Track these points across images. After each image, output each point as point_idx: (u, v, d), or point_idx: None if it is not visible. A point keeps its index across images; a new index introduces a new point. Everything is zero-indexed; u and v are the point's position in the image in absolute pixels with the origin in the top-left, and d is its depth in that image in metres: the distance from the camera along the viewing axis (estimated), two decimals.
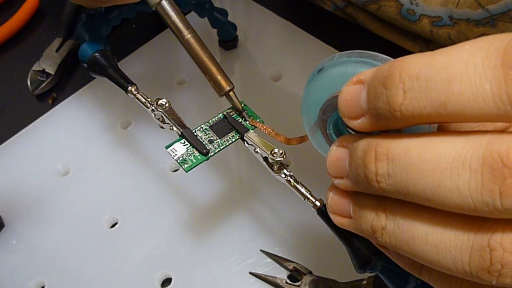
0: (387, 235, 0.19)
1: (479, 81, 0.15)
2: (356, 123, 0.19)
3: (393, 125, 0.18)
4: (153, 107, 0.32)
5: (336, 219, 0.22)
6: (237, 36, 0.51)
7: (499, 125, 0.20)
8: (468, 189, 0.16)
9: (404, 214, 0.18)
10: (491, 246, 0.16)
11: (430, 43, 0.49)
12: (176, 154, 0.30)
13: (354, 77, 0.19)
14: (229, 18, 0.49)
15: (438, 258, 0.17)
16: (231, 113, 0.33)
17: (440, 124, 0.21)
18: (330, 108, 0.22)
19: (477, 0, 0.41)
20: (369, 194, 0.20)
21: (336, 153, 0.21)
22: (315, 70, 0.22)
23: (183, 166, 0.30)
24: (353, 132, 0.21)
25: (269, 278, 0.36)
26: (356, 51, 0.21)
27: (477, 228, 0.16)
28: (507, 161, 0.15)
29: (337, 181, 0.21)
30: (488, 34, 0.43)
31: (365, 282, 0.33)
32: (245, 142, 0.31)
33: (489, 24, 0.41)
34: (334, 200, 0.22)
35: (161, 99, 0.32)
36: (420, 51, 0.50)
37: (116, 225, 0.41)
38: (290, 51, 0.51)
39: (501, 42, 0.15)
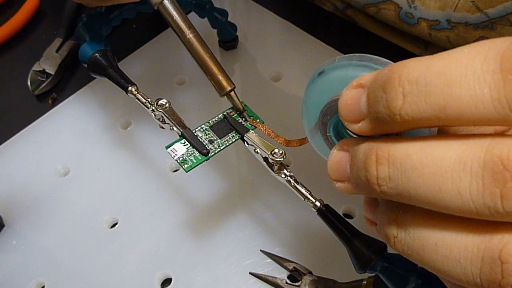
0: (399, 244, 0.19)
1: (478, 86, 0.15)
2: (357, 127, 0.19)
3: (393, 129, 0.18)
4: (153, 107, 0.32)
5: (369, 227, 0.22)
6: (237, 36, 0.51)
7: (499, 128, 0.20)
8: (469, 192, 0.16)
9: (413, 223, 0.18)
10: (502, 259, 0.15)
11: (429, 45, 0.49)
12: (176, 154, 0.30)
13: (354, 81, 0.19)
14: (229, 19, 0.49)
15: (449, 269, 0.17)
16: (231, 113, 0.33)
17: (440, 128, 0.21)
18: (330, 111, 0.22)
19: (476, 3, 0.40)
20: (385, 202, 0.20)
21: (337, 157, 0.21)
22: (316, 73, 0.22)
23: (183, 166, 0.30)
24: (353, 135, 0.21)
25: (269, 278, 0.36)
26: (357, 54, 0.21)
27: (487, 239, 0.16)
28: (508, 164, 0.15)
29: (338, 185, 0.21)
30: (487, 37, 0.44)
31: (365, 282, 0.33)
32: (245, 142, 0.31)
33: (487, 27, 0.41)
34: (366, 209, 0.22)
35: (161, 99, 0.32)
36: (420, 53, 0.50)
37: (116, 225, 0.41)
38: (290, 51, 0.51)
39: (500, 46, 0.15)
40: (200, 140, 0.31)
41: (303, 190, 0.29)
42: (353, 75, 0.20)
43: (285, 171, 0.30)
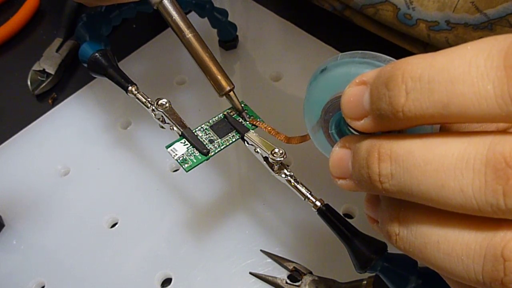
0: (400, 241, 0.19)
1: (481, 82, 0.15)
2: (359, 124, 0.19)
3: (395, 126, 0.18)
4: (153, 107, 0.32)
5: (371, 225, 0.22)
6: (237, 36, 0.51)
7: (502, 125, 0.20)
8: (472, 190, 0.16)
9: (415, 221, 0.18)
10: (504, 256, 0.15)
11: (428, 46, 0.49)
12: (176, 154, 0.30)
13: (357, 78, 0.19)
14: (229, 18, 0.49)
15: (451, 266, 0.17)
16: (231, 113, 0.33)
17: (443, 125, 0.21)
18: (333, 108, 0.22)
19: (475, 4, 0.40)
20: (387, 199, 0.20)
21: (339, 154, 0.21)
22: (318, 70, 0.22)
23: (183, 166, 0.30)
24: (355, 133, 0.21)
25: (269, 278, 0.36)
26: (359, 51, 0.21)
27: (490, 237, 0.16)
28: (510, 162, 0.15)
29: (340, 182, 0.21)
30: None
31: (365, 282, 0.33)
32: (245, 142, 0.31)
33: (487, 28, 0.41)
34: (367, 206, 0.22)
35: (162, 99, 0.32)
36: (419, 53, 0.50)
37: (116, 225, 0.41)
38: (290, 51, 0.51)
39: (503, 42, 0.15)
40: (200, 139, 0.31)
41: (303, 190, 0.29)
42: (355, 72, 0.20)
43: (285, 170, 0.29)
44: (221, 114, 0.33)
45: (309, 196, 0.28)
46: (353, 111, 0.19)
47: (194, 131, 0.31)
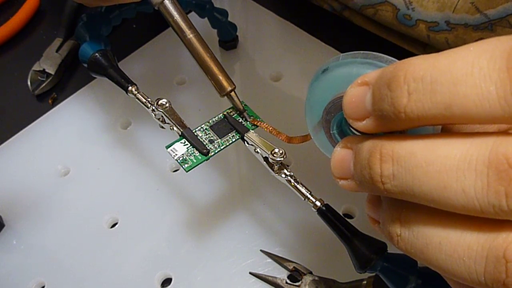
0: (402, 242, 0.19)
1: (484, 84, 0.15)
2: (361, 125, 0.19)
3: (397, 126, 0.18)
4: (153, 107, 0.32)
5: (372, 226, 0.22)
6: (237, 36, 0.51)
7: (503, 126, 0.20)
8: (474, 191, 0.16)
9: (417, 221, 0.18)
10: (506, 258, 0.15)
11: (427, 47, 0.49)
12: (176, 154, 0.30)
13: (358, 78, 0.19)
14: (229, 18, 0.49)
15: (453, 267, 0.17)
16: (232, 113, 0.33)
17: (444, 126, 0.21)
18: (334, 108, 0.22)
19: (475, 5, 0.40)
20: (388, 200, 0.20)
21: (341, 154, 0.21)
22: (320, 70, 0.22)
23: (183, 166, 0.30)
24: (357, 133, 0.21)
25: (269, 278, 0.36)
26: (361, 51, 0.21)
27: (492, 238, 0.16)
28: None
29: (342, 182, 0.21)
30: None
31: (365, 282, 0.33)
32: (245, 142, 0.31)
33: (487, 29, 0.41)
34: (369, 207, 0.22)
35: (162, 99, 0.32)
36: (418, 54, 0.50)
37: (116, 225, 0.41)
38: (290, 51, 0.51)
39: (506, 44, 0.15)
40: (200, 139, 0.31)
41: (303, 190, 0.29)
42: (357, 73, 0.20)
43: (285, 170, 0.30)
44: (221, 114, 0.33)
45: (309, 196, 0.28)
46: (355, 112, 0.19)
47: (194, 131, 0.31)
